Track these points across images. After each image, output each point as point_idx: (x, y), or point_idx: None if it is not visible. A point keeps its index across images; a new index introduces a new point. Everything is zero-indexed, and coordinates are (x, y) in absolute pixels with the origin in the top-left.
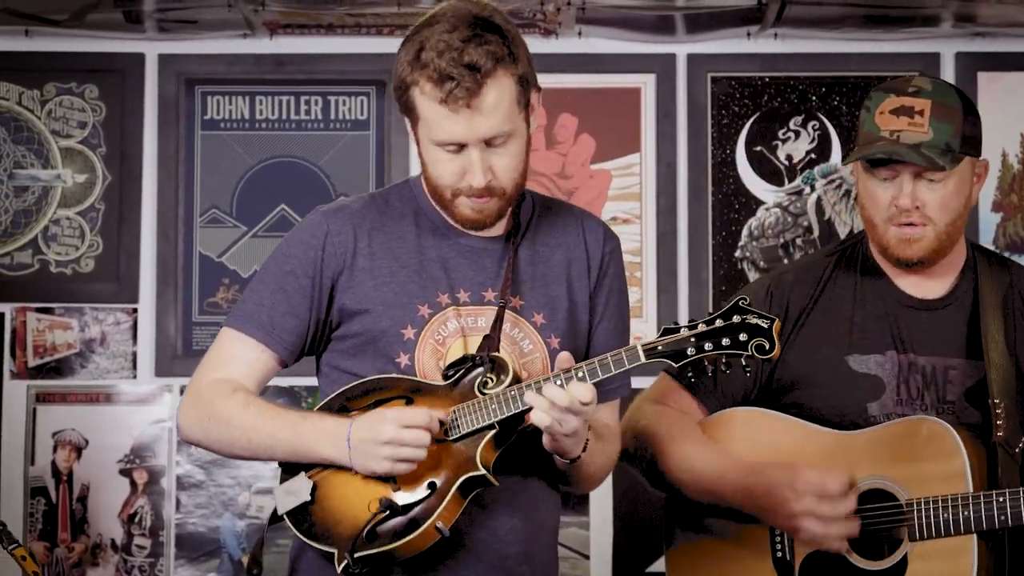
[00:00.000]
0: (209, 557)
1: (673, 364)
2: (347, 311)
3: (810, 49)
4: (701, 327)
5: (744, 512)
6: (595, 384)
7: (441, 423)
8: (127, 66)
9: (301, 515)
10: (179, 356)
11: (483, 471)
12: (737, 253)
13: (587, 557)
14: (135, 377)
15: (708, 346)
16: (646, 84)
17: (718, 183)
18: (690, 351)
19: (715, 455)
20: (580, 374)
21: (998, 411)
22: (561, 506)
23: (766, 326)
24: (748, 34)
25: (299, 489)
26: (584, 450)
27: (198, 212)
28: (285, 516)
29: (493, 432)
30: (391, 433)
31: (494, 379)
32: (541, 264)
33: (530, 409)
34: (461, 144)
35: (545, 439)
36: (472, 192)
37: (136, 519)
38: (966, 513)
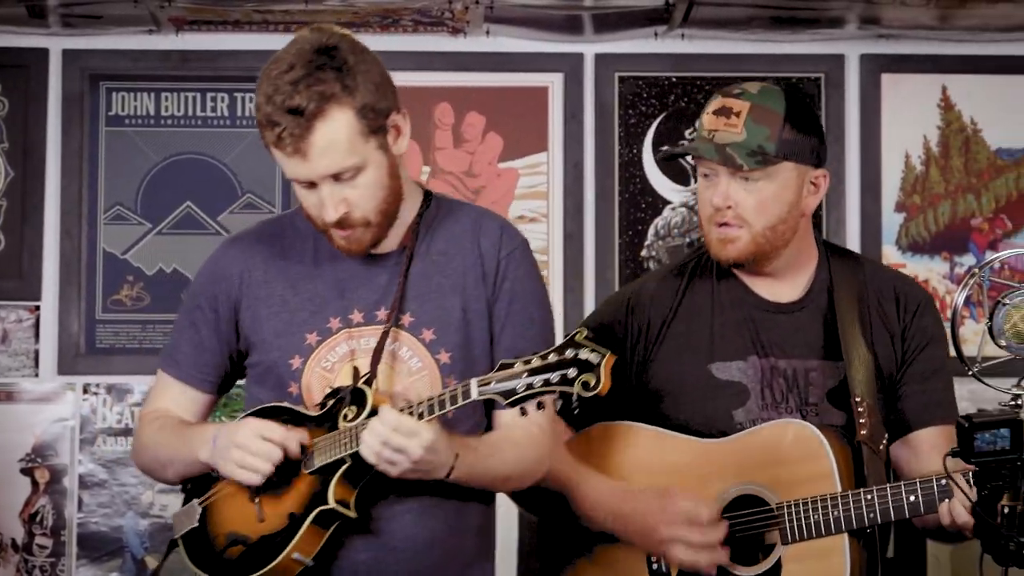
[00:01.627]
0: (111, 557)
1: (503, 400)
2: (247, 341)
3: (717, 50)
4: (535, 362)
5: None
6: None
7: (304, 448)
8: (31, 61)
9: (194, 539)
10: (82, 354)
11: (333, 505)
12: (643, 252)
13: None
14: (37, 375)
15: (537, 382)
16: (554, 83)
17: (625, 182)
18: (520, 388)
19: (592, 483)
20: (420, 410)
21: (860, 410)
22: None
23: (596, 361)
24: (656, 34)
25: (191, 514)
26: (452, 470)
27: (102, 209)
28: (180, 540)
29: (346, 466)
30: (243, 439)
31: (354, 411)
32: (436, 276)
33: None
34: (310, 181)
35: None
36: (328, 226)
37: (37, 518)
38: (835, 513)
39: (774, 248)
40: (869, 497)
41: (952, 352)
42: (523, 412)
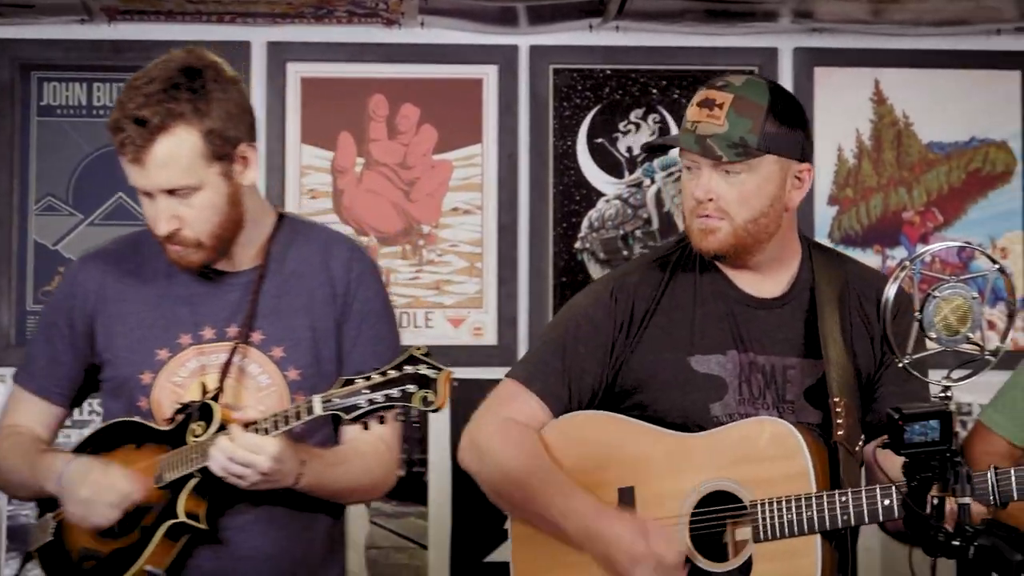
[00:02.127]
0: None
1: (346, 416)
2: (101, 356)
3: (651, 42)
4: (375, 378)
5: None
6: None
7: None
8: None
9: (50, 552)
10: (12, 345)
11: (182, 518)
12: (577, 244)
13: (425, 547)
14: None
15: (379, 398)
16: (488, 75)
17: (559, 175)
18: (362, 403)
19: (565, 490)
20: (266, 426)
21: (838, 410)
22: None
23: (434, 376)
24: (590, 26)
25: (45, 527)
26: (300, 477)
27: (33, 200)
28: (35, 552)
29: (195, 480)
30: (87, 495)
31: (203, 427)
32: (287, 295)
33: None
34: (147, 192)
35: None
36: (160, 239)
37: None
38: (809, 513)
39: (756, 241)
40: (844, 499)
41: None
42: (365, 426)
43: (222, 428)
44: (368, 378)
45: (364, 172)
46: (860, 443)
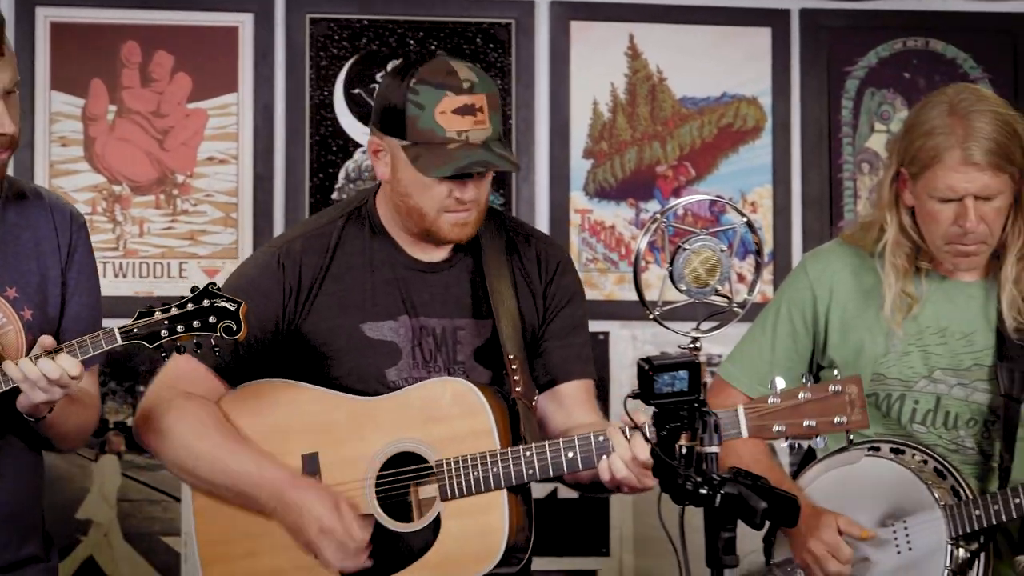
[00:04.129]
0: None
1: (148, 345)
2: None
3: None
4: (173, 310)
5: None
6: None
7: None
8: None
9: None
10: None
11: None
12: (334, 195)
13: (178, 500)
14: None
15: (180, 328)
16: (244, 23)
17: (316, 125)
18: (163, 333)
19: (256, 459)
20: (69, 350)
21: (514, 367)
22: (43, 466)
23: (234, 309)
24: None
25: None
26: (51, 411)
27: None
28: None
29: None
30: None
31: None
32: (12, 243)
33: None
34: None
35: (23, 398)
36: None
37: None
38: (495, 470)
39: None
40: (528, 454)
41: (635, 297)
42: (164, 355)
43: None
44: (166, 310)
45: (116, 120)
46: (536, 399)
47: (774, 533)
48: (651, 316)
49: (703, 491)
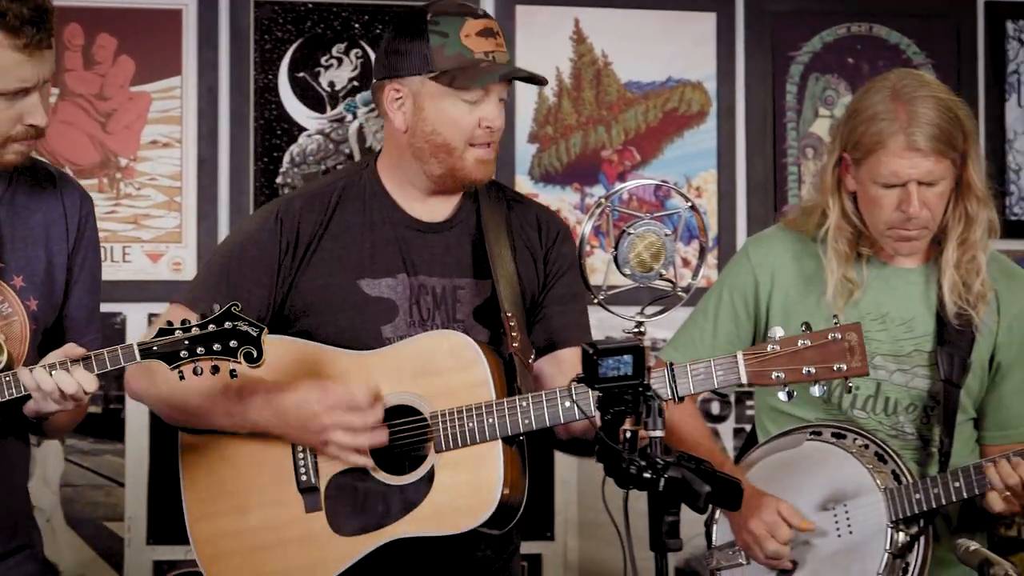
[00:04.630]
0: None
1: (167, 364)
2: None
3: None
4: (195, 331)
5: (270, 435)
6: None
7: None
8: None
9: None
10: None
11: None
12: (279, 180)
13: (122, 484)
14: None
15: (200, 350)
16: (188, 6)
17: (260, 108)
18: (183, 353)
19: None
20: (86, 364)
21: (512, 324)
22: (30, 454)
23: (255, 334)
24: None
25: None
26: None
27: None
28: None
29: None
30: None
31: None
32: (20, 226)
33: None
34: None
35: (32, 404)
36: None
37: None
38: (490, 420)
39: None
40: (524, 404)
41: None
42: (181, 376)
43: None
44: (187, 329)
45: (59, 103)
46: (532, 358)
47: (715, 516)
48: (596, 300)
49: (647, 475)
